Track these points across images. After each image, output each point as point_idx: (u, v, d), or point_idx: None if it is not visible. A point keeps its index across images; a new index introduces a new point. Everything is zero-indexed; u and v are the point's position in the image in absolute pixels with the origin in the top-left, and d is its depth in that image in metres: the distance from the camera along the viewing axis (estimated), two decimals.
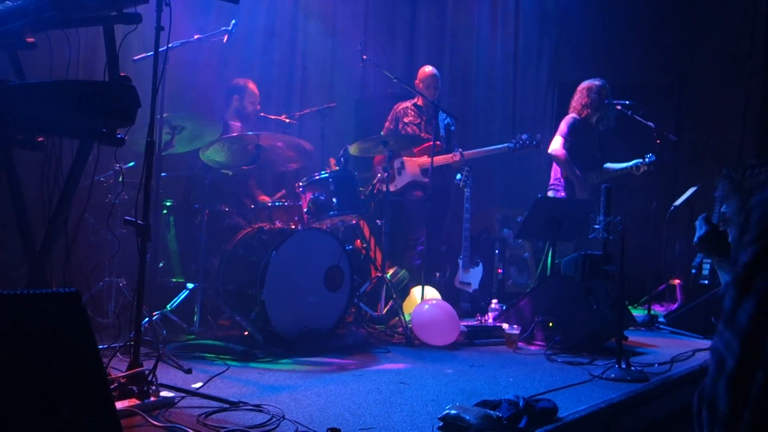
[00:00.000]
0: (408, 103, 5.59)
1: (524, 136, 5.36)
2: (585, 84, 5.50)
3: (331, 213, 4.33)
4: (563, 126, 5.46)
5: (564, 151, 5.35)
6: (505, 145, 5.41)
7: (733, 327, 0.86)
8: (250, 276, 3.94)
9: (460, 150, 5.37)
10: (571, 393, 3.12)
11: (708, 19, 7.57)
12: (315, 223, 4.34)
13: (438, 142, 5.40)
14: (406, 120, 5.53)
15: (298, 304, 3.99)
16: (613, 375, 3.43)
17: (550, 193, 5.55)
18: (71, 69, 2.89)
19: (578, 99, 5.48)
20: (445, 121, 5.62)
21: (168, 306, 3.90)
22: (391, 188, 5.44)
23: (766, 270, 0.86)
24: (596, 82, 5.46)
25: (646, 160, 5.34)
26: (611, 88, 5.55)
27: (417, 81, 5.59)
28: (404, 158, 5.43)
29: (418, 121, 5.50)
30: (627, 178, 5.69)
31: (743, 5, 7.03)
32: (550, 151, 5.44)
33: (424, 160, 5.20)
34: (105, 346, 3.07)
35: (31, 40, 2.59)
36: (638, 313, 5.59)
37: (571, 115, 5.49)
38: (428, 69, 5.61)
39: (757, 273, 0.87)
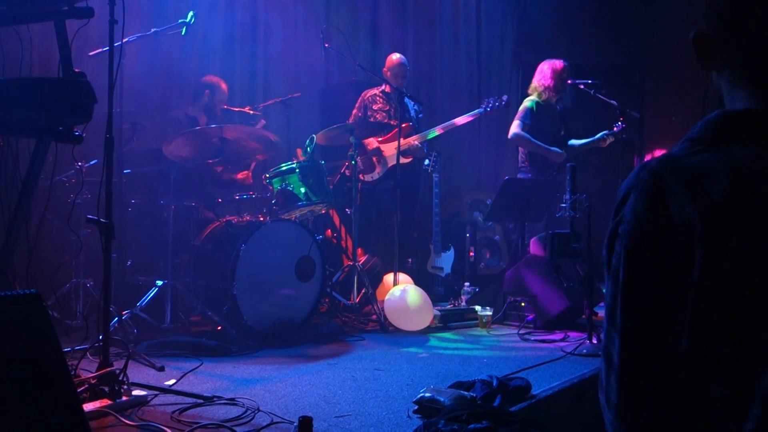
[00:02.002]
0: (376, 90, 5.55)
1: (492, 99, 5.36)
2: (546, 65, 5.50)
3: (300, 203, 4.31)
4: (520, 111, 5.49)
5: (522, 132, 5.38)
6: (477, 111, 5.40)
7: (614, 323, 0.89)
8: (220, 270, 3.90)
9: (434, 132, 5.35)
10: (545, 370, 3.16)
11: (667, 1, 7.66)
12: (284, 214, 4.31)
13: (409, 123, 5.38)
14: (375, 107, 5.49)
15: (271, 296, 3.97)
16: (584, 351, 3.48)
17: (520, 176, 5.58)
18: (24, 66, 2.82)
19: (539, 81, 5.49)
20: (414, 108, 5.61)
21: (138, 304, 3.85)
22: (372, 178, 5.41)
23: (616, 255, 0.89)
24: (557, 63, 5.46)
25: (615, 129, 5.39)
26: (574, 68, 5.58)
27: (385, 69, 5.53)
28: (380, 146, 5.40)
29: (387, 108, 5.47)
30: (592, 156, 5.75)
31: None
32: (509, 136, 5.48)
33: (402, 142, 5.13)
34: (74, 347, 3.03)
35: None
36: None
37: (530, 100, 5.51)
38: (396, 57, 5.55)
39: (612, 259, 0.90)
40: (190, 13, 4.24)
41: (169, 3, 4.92)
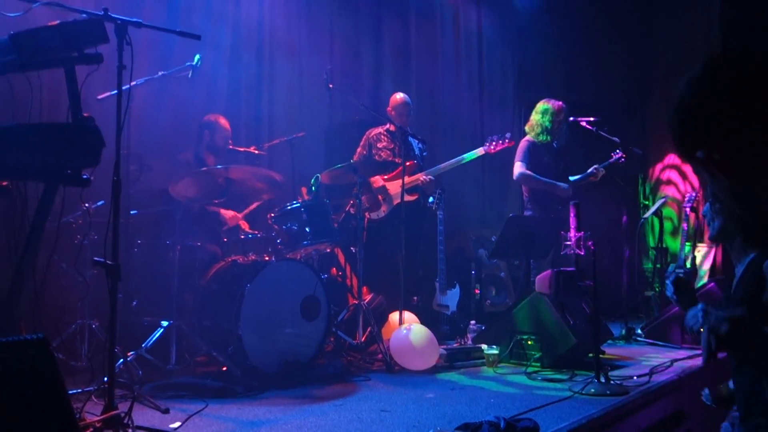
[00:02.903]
0: (380, 129, 5.61)
1: (495, 137, 5.42)
2: (543, 104, 5.56)
3: (305, 242, 4.32)
4: (519, 152, 5.54)
5: (527, 171, 5.43)
6: (480, 148, 5.46)
7: None
8: (225, 310, 3.90)
9: (429, 175, 5.38)
10: (552, 410, 3.12)
11: (664, 37, 7.76)
12: (289, 253, 4.32)
13: (414, 161, 5.42)
14: (379, 145, 5.54)
15: (276, 336, 3.95)
16: (592, 390, 3.45)
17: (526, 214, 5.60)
18: (34, 112, 2.86)
19: (537, 121, 5.54)
20: (419, 146, 5.66)
21: (143, 345, 3.83)
22: (378, 216, 5.43)
23: None
24: (554, 103, 5.51)
25: (602, 164, 5.45)
26: (576, 104, 5.63)
27: (389, 108, 5.60)
28: (385, 184, 5.43)
29: (392, 146, 5.52)
30: (595, 192, 5.77)
31: (698, 22, 7.21)
32: (515, 177, 5.54)
33: (407, 179, 5.16)
34: (79, 390, 3.02)
35: None
36: (616, 326, 5.62)
37: (527, 140, 5.56)
38: (399, 96, 5.61)
39: None
40: (197, 57, 4.32)
41: (176, 46, 5.00)
